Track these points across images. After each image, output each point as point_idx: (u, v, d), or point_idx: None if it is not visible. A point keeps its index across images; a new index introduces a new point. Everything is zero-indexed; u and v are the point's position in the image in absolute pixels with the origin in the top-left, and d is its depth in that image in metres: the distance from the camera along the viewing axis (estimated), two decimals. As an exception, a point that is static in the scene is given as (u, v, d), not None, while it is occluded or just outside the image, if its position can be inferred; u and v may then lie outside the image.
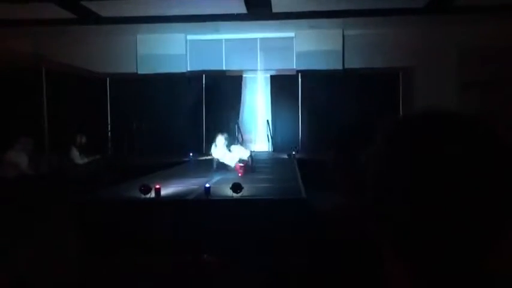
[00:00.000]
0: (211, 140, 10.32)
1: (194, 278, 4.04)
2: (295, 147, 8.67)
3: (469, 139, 0.62)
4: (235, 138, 6.92)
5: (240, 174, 5.97)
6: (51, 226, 5.70)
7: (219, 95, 10.58)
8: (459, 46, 10.00)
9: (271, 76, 10.76)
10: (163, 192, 4.69)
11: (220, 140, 6.73)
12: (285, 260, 4.06)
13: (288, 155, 8.60)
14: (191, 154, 8.84)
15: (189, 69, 10.96)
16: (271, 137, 10.51)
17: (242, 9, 8.72)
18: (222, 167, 6.60)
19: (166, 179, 5.82)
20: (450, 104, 9.56)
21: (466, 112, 0.66)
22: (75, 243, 4.62)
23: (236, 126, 9.66)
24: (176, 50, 10.79)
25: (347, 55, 10.65)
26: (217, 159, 6.72)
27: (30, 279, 4.01)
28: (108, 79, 10.68)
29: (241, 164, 6.10)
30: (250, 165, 6.50)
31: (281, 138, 10.60)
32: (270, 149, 10.52)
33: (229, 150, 6.72)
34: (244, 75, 10.88)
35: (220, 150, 6.68)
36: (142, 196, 4.55)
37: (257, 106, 10.99)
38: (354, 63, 10.58)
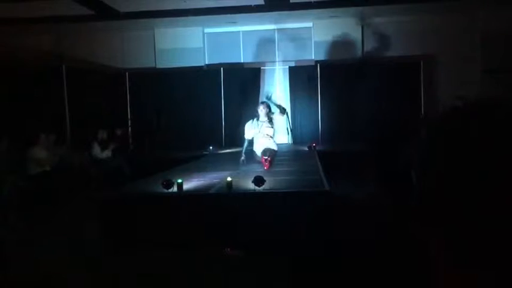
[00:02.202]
0: (230, 133, 10.43)
1: (216, 271, 4.03)
2: (313, 144, 8.56)
3: None
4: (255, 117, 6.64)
5: (265, 168, 5.91)
6: (74, 221, 5.76)
7: (237, 87, 10.54)
8: (481, 33, 9.76)
9: (289, 67, 10.67)
10: (185, 186, 4.69)
11: (262, 109, 6.43)
12: (308, 252, 4.02)
13: (308, 147, 8.54)
14: (211, 147, 8.85)
15: (207, 63, 10.95)
16: (291, 129, 10.44)
17: (259, 0, 8.65)
18: (252, 158, 6.45)
19: (187, 173, 5.81)
20: (472, 92, 9.36)
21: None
22: (97, 238, 4.65)
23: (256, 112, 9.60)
24: (194, 44, 10.79)
25: (366, 44, 10.49)
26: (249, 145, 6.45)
27: (52, 274, 4.05)
28: (127, 74, 10.73)
29: (267, 157, 6.01)
30: (274, 154, 6.34)
31: (301, 130, 10.52)
32: (290, 142, 10.46)
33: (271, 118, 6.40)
34: (262, 67, 10.81)
35: (262, 122, 6.36)
36: (165, 191, 4.56)
37: (276, 98, 10.90)
38: (373, 52, 10.42)
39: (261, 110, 6.45)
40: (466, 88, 9.26)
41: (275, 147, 6.41)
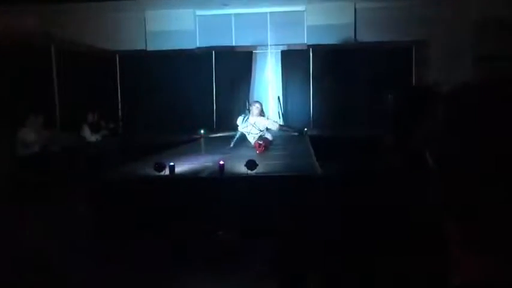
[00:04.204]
0: (221, 117, 10.38)
1: (208, 255, 4.04)
2: (304, 129, 8.57)
3: None
4: (246, 114, 6.68)
5: (258, 152, 5.89)
6: (64, 205, 5.72)
7: (229, 71, 10.46)
8: (475, 19, 9.74)
9: (282, 51, 10.60)
10: (177, 169, 4.66)
11: (257, 107, 6.43)
12: (300, 236, 4.03)
13: (300, 132, 8.51)
14: (202, 131, 8.79)
15: (198, 46, 10.84)
16: (282, 114, 10.41)
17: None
18: (240, 143, 6.46)
19: (179, 156, 5.78)
20: (465, 78, 9.39)
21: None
22: (88, 222, 4.62)
23: (246, 102, 9.56)
24: (185, 26, 10.65)
25: (359, 29, 10.45)
26: (240, 134, 6.47)
27: (42, 259, 4.02)
28: (117, 56, 10.58)
29: (261, 142, 6.00)
30: (269, 144, 6.35)
31: (292, 114, 10.49)
32: (281, 126, 10.43)
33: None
34: (254, 51, 10.73)
35: (251, 124, 6.38)
36: (157, 174, 4.53)
37: (268, 82, 10.87)
38: (366, 37, 10.38)
39: (256, 108, 6.41)
40: (458, 74, 9.28)
41: (270, 137, 6.45)
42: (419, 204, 1.18)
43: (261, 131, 6.43)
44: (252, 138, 6.42)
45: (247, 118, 6.46)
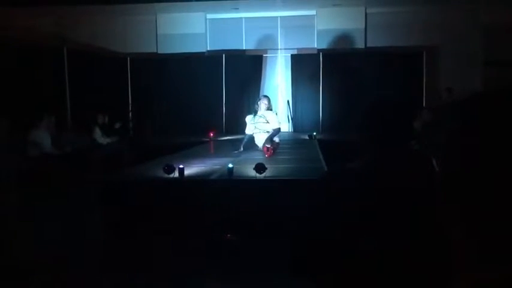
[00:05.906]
0: (231, 120, 10.40)
1: (217, 257, 4.05)
2: (314, 134, 8.55)
3: None
4: (256, 111, 6.63)
5: (266, 156, 5.90)
6: (74, 206, 5.77)
7: (239, 74, 10.48)
8: (484, 24, 9.70)
9: (292, 55, 10.61)
10: (186, 172, 4.69)
11: (265, 103, 6.34)
12: (307, 241, 4.03)
13: (308, 136, 8.52)
14: (211, 134, 8.82)
15: (208, 49, 10.89)
16: (292, 118, 10.42)
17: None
18: (250, 146, 6.44)
19: (189, 159, 5.81)
20: (474, 84, 9.35)
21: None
22: (98, 223, 4.66)
23: (256, 105, 9.57)
24: (196, 29, 10.73)
25: (369, 34, 10.44)
26: (249, 135, 6.44)
27: (51, 258, 4.07)
28: (128, 59, 10.67)
29: (269, 146, 6.00)
30: (276, 147, 6.33)
31: (302, 118, 10.50)
32: (291, 130, 10.44)
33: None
34: (264, 55, 10.76)
35: (259, 116, 6.31)
36: (166, 176, 4.56)
37: (277, 86, 10.89)
38: (376, 42, 10.37)
39: (264, 104, 6.37)
40: (467, 80, 9.25)
41: (277, 140, 6.41)
42: (425, 209, 1.19)
43: (267, 122, 6.32)
44: (259, 138, 6.35)
45: (256, 113, 6.44)
